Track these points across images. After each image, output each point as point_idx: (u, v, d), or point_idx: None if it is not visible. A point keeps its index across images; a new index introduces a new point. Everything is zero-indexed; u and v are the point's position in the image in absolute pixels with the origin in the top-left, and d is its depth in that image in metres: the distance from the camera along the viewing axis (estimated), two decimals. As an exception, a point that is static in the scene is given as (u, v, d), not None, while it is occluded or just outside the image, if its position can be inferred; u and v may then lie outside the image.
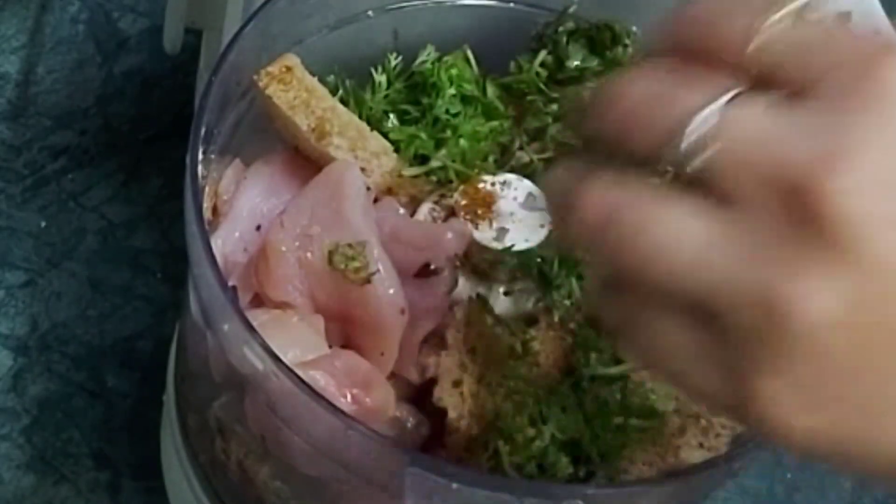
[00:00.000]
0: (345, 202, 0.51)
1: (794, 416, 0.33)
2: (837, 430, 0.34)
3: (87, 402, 0.70)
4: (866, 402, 0.33)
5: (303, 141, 0.54)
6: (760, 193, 0.33)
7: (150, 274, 0.74)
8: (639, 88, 0.36)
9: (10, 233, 0.75)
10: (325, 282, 0.50)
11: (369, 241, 0.50)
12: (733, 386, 0.34)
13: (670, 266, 0.34)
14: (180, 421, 0.59)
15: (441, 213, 0.54)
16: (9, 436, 0.69)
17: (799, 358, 0.32)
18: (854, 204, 0.32)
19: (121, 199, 0.77)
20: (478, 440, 0.49)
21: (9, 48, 0.81)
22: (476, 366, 0.51)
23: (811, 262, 0.32)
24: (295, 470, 0.50)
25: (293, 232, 0.51)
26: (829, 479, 0.73)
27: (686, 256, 0.34)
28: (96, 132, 0.79)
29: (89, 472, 0.68)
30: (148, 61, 0.81)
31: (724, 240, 0.33)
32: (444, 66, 0.56)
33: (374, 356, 0.51)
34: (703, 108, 0.34)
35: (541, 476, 0.47)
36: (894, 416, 0.33)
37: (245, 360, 0.46)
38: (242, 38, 0.51)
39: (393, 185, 0.55)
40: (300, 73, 0.54)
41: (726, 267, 0.33)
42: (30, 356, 0.71)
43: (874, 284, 0.32)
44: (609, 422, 0.49)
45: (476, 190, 0.54)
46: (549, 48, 0.57)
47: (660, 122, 0.35)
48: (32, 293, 0.73)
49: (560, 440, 0.48)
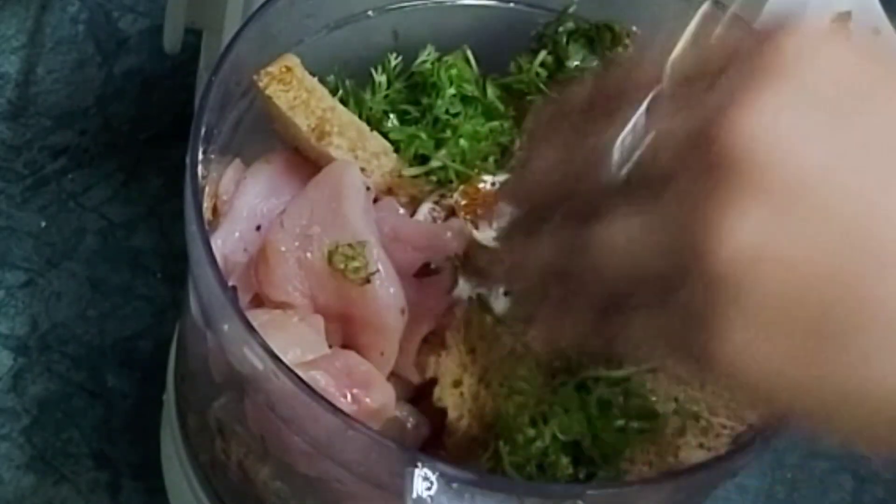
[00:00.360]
0: (344, 202, 0.51)
1: (746, 351, 0.35)
2: (792, 364, 0.34)
3: (87, 402, 0.70)
4: (811, 330, 0.34)
5: (303, 141, 0.54)
6: (684, 161, 0.35)
7: (150, 274, 0.74)
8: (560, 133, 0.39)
9: (10, 233, 0.75)
10: (325, 282, 0.50)
11: (369, 240, 0.50)
12: (695, 341, 0.35)
13: (619, 262, 0.36)
14: (180, 421, 0.59)
15: (441, 213, 0.54)
16: (9, 436, 0.69)
17: (741, 301, 0.34)
18: (752, 136, 0.33)
19: (121, 199, 0.77)
20: (478, 440, 0.49)
21: (9, 48, 0.81)
22: (476, 366, 0.51)
23: (730, 202, 0.33)
24: (295, 470, 0.50)
25: (293, 232, 0.51)
26: (830, 478, 0.73)
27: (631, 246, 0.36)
28: (96, 132, 0.79)
29: (89, 472, 0.68)
30: (148, 61, 0.81)
31: (657, 217, 0.35)
32: (444, 66, 0.56)
33: (374, 356, 0.51)
34: (626, 123, 0.37)
35: (541, 476, 0.47)
36: (840, 340, 0.34)
37: (245, 360, 0.46)
38: (242, 38, 0.51)
39: (393, 185, 0.55)
40: (300, 74, 0.54)
41: (664, 239, 0.35)
42: (30, 356, 0.71)
43: (790, 206, 0.33)
44: (611, 423, 0.49)
45: (476, 190, 0.54)
46: (549, 48, 0.57)
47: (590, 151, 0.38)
48: (32, 293, 0.73)
49: (562, 441, 0.48)
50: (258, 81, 0.53)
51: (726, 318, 0.34)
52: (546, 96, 0.56)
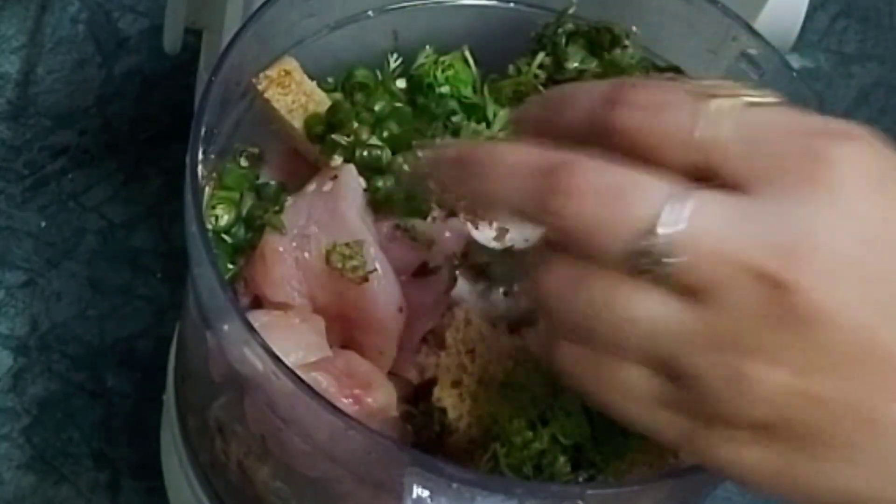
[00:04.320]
0: (342, 202, 0.51)
1: (745, 456, 0.37)
2: (782, 469, 0.37)
3: (87, 402, 0.70)
4: (812, 449, 0.37)
5: (301, 143, 0.54)
6: (728, 284, 0.36)
7: (150, 274, 0.74)
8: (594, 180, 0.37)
9: (10, 233, 0.75)
10: (323, 281, 0.50)
11: (366, 239, 0.50)
12: (692, 429, 0.38)
13: (641, 335, 0.37)
14: (180, 421, 0.59)
15: (441, 213, 0.54)
16: (9, 436, 0.69)
17: (758, 421, 0.36)
18: (815, 292, 0.35)
19: (121, 199, 0.77)
20: (477, 441, 0.49)
21: (9, 48, 0.81)
22: (476, 366, 0.51)
23: (775, 342, 0.36)
24: (295, 470, 0.50)
25: (290, 232, 0.51)
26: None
27: (659, 328, 0.37)
28: (96, 132, 0.79)
29: (89, 472, 0.68)
30: (148, 61, 0.81)
31: (697, 321, 0.36)
32: (441, 67, 0.56)
33: (373, 355, 0.51)
34: (663, 206, 0.36)
35: (538, 477, 0.47)
36: (835, 461, 0.37)
37: (245, 360, 0.46)
38: (242, 39, 0.51)
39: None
40: (299, 77, 0.54)
41: (699, 345, 0.36)
42: (30, 356, 0.71)
43: (825, 357, 0.36)
44: (613, 427, 0.49)
45: (476, 190, 0.53)
46: (548, 50, 0.56)
47: (620, 224, 0.37)
48: (32, 293, 0.73)
49: (563, 444, 0.48)
50: (257, 84, 0.53)
51: (736, 426, 0.37)
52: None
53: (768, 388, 0.36)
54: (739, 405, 0.36)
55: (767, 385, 0.36)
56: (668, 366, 0.37)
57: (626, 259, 0.36)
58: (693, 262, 0.36)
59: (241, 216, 0.53)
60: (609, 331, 0.38)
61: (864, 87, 0.91)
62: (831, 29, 0.93)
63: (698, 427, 0.38)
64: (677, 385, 0.37)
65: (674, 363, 0.37)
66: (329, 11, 0.56)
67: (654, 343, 0.37)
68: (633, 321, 0.37)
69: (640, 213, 0.36)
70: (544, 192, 0.38)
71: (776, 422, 0.36)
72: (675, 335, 0.37)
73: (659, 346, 0.37)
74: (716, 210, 0.36)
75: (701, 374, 0.37)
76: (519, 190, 0.39)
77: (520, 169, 0.39)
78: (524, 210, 0.39)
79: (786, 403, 0.36)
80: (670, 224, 0.36)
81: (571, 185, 0.37)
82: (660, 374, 0.38)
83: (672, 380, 0.38)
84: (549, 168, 0.38)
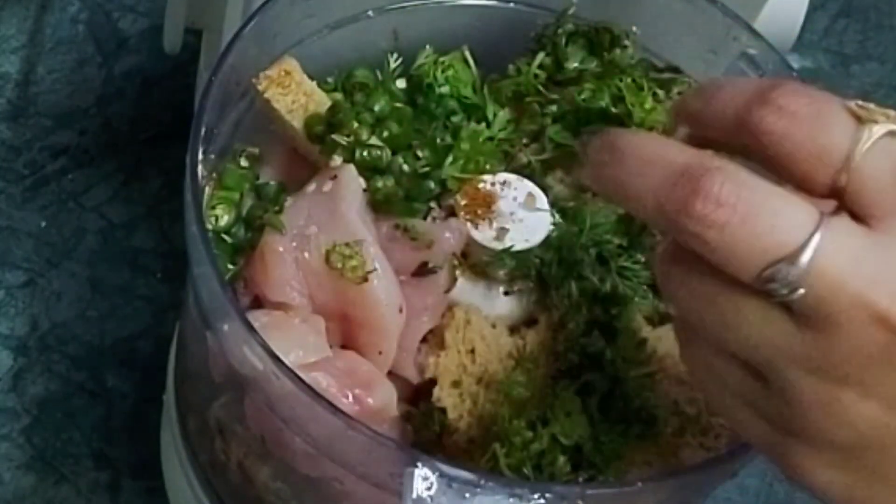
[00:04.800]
0: (342, 202, 0.51)
1: (819, 471, 0.38)
2: (853, 488, 0.38)
3: (87, 402, 0.70)
4: (884, 474, 0.38)
5: (301, 143, 0.54)
6: (847, 319, 0.35)
7: (150, 274, 0.75)
8: (744, 194, 0.36)
9: (10, 233, 0.75)
10: (323, 281, 0.50)
11: (366, 239, 0.50)
12: (773, 434, 0.39)
13: (746, 341, 0.38)
14: (180, 421, 0.59)
15: (441, 213, 0.54)
16: (9, 436, 0.69)
17: (838, 443, 0.37)
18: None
19: (121, 199, 0.77)
20: (477, 441, 0.49)
21: (9, 48, 0.81)
22: (475, 366, 0.51)
23: (876, 379, 0.36)
24: (295, 470, 0.50)
25: (290, 232, 0.51)
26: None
27: (765, 339, 0.37)
28: (96, 132, 0.79)
29: (89, 472, 0.68)
30: (148, 61, 0.81)
31: (807, 345, 0.36)
32: (441, 67, 0.56)
33: (373, 355, 0.51)
34: (812, 235, 0.36)
35: (538, 477, 0.47)
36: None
37: (245, 360, 0.46)
38: (242, 39, 0.51)
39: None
40: (299, 77, 0.54)
41: (802, 365, 0.37)
42: (30, 356, 0.71)
43: None
44: (612, 427, 0.49)
45: (476, 190, 0.54)
46: (548, 50, 0.56)
47: (764, 246, 0.36)
48: (32, 293, 0.73)
49: (563, 444, 0.48)
50: (257, 84, 0.53)
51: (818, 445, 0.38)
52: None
53: (857, 416, 0.36)
54: (825, 427, 0.37)
55: (857, 413, 0.36)
56: (764, 371, 0.38)
57: (758, 279, 0.36)
58: (818, 293, 0.36)
59: (241, 216, 0.53)
60: (716, 329, 0.38)
61: (864, 87, 0.91)
62: (831, 29, 0.93)
63: (779, 434, 0.38)
64: (767, 391, 0.38)
65: (770, 372, 0.37)
66: (329, 11, 0.56)
67: (757, 350, 0.37)
68: (740, 327, 0.37)
69: (787, 238, 0.36)
70: (687, 194, 0.36)
71: (855, 446, 0.37)
72: (780, 349, 0.37)
73: (760, 354, 0.37)
74: (846, 242, 0.36)
75: (796, 391, 0.37)
76: (657, 187, 0.37)
77: (661, 165, 0.37)
78: (660, 207, 0.37)
79: (870, 432, 0.37)
80: (810, 252, 0.35)
81: (721, 194, 0.36)
82: (754, 376, 0.38)
83: (763, 384, 0.38)
84: (694, 170, 0.36)
